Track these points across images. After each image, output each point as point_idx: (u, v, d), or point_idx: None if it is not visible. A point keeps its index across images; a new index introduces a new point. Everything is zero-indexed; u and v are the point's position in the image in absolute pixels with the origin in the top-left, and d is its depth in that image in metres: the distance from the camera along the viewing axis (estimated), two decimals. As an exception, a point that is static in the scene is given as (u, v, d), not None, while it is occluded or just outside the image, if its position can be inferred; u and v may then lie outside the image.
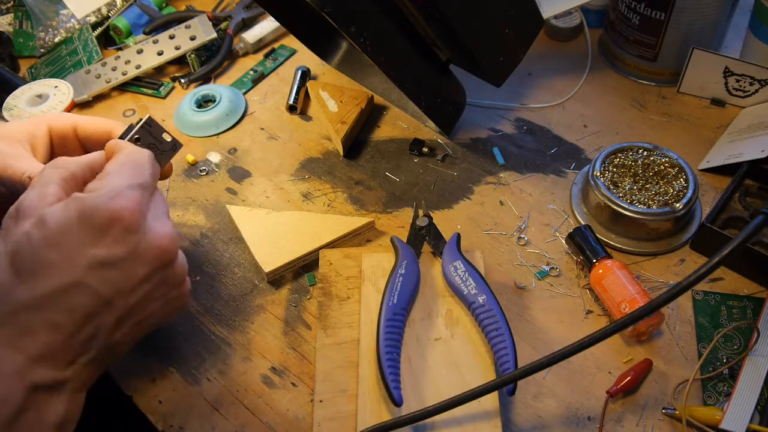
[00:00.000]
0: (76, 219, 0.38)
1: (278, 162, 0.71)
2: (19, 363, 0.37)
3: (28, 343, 0.38)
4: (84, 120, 0.52)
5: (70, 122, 0.51)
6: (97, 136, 0.51)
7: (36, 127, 0.50)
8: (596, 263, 0.56)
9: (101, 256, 0.39)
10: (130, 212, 0.39)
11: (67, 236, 0.38)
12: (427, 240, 0.58)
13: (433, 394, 0.49)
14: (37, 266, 0.38)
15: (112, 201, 0.39)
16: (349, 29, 0.55)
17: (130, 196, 0.40)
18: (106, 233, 0.39)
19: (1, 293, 0.38)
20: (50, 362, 0.38)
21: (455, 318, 0.53)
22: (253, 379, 0.54)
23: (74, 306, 0.38)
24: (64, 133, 0.51)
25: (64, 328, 0.38)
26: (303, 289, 0.60)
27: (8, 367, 0.37)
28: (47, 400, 0.39)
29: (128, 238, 0.39)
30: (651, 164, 0.61)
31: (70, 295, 0.38)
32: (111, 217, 0.39)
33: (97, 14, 0.87)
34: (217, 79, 0.82)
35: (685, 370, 0.52)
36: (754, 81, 0.69)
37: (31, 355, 0.38)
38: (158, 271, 0.41)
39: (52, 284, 0.38)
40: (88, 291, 0.38)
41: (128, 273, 0.40)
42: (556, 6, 0.75)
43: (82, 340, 0.39)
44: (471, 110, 0.74)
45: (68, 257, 0.38)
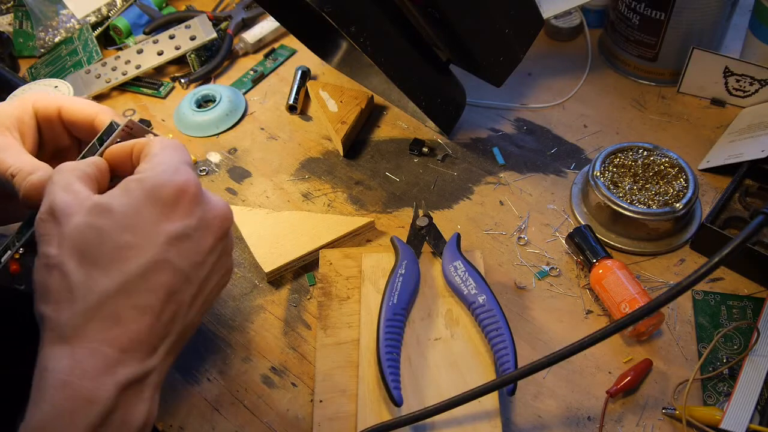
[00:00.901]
0: (144, 198, 0.39)
1: (278, 162, 0.71)
2: (110, 357, 0.36)
3: (118, 334, 0.37)
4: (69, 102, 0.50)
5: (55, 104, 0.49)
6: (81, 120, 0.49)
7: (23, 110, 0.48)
8: (596, 263, 0.56)
9: (176, 229, 0.39)
10: (194, 184, 0.40)
11: (139, 216, 0.38)
12: (427, 240, 0.58)
13: (433, 394, 0.49)
14: (115, 252, 0.37)
15: (175, 175, 0.40)
16: (349, 29, 0.55)
17: (187, 169, 0.41)
18: (176, 207, 0.39)
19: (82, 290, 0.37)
20: (138, 352, 0.37)
21: (455, 318, 0.53)
22: (253, 379, 0.54)
23: (159, 285, 0.38)
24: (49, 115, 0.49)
25: (152, 309, 0.38)
26: (303, 289, 0.60)
27: (99, 362, 0.36)
28: (132, 399, 0.37)
29: (196, 209, 0.40)
30: (651, 164, 0.61)
31: (154, 274, 0.38)
32: (178, 190, 0.39)
33: (97, 14, 0.87)
34: (217, 79, 0.82)
35: (685, 370, 0.52)
36: (754, 81, 0.69)
37: (122, 346, 0.37)
38: (221, 241, 0.42)
39: (135, 266, 0.37)
40: (168, 267, 0.38)
41: (200, 244, 0.40)
42: (556, 6, 0.75)
43: (166, 322, 0.39)
44: (471, 110, 0.74)
45: (145, 236, 0.38)
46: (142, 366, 0.38)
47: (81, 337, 0.36)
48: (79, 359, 0.36)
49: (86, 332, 0.36)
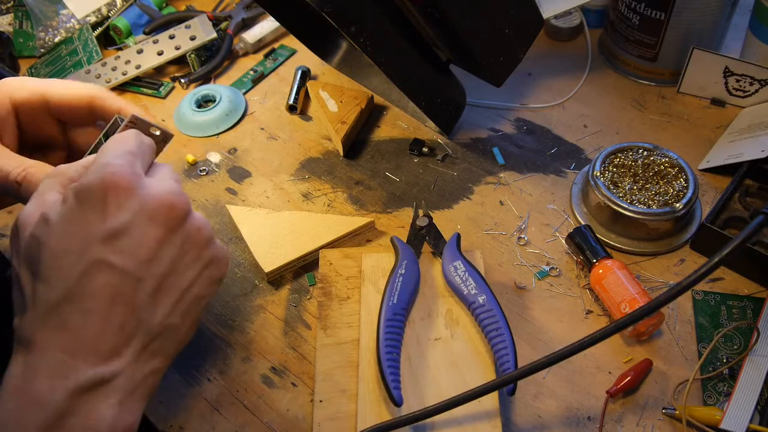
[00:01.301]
0: (76, 205, 0.37)
1: (278, 162, 0.71)
2: (61, 361, 0.36)
3: (67, 339, 0.36)
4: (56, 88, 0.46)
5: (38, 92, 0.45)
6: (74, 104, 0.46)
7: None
8: (596, 263, 0.56)
9: (108, 227, 0.37)
10: (120, 176, 0.38)
11: (72, 223, 0.37)
12: (427, 240, 0.58)
13: (433, 394, 0.49)
14: (53, 261, 0.37)
15: (100, 172, 0.38)
16: (349, 29, 0.55)
17: (118, 162, 0.38)
18: (105, 205, 0.37)
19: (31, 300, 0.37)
20: (91, 355, 0.36)
21: (455, 318, 0.53)
22: (253, 379, 0.54)
23: (98, 286, 0.37)
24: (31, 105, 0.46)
25: (97, 313, 0.37)
26: (303, 289, 0.60)
27: (50, 367, 0.36)
28: (93, 404, 0.36)
29: (128, 201, 0.38)
30: (651, 164, 0.61)
31: (92, 276, 0.37)
32: (104, 187, 0.37)
33: (97, 14, 0.87)
34: (217, 79, 0.82)
35: (685, 370, 0.52)
36: (754, 81, 0.69)
37: (72, 351, 0.36)
38: (174, 232, 0.39)
39: (73, 272, 0.37)
40: (106, 267, 0.37)
41: (141, 238, 0.38)
42: (556, 6, 0.75)
43: (118, 325, 0.37)
44: (471, 110, 0.74)
45: (79, 241, 0.37)
46: (99, 370, 0.37)
47: (33, 344, 0.36)
48: (31, 365, 0.36)
49: (37, 339, 0.37)
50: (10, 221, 0.67)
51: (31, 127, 0.47)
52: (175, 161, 0.72)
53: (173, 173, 0.43)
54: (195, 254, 0.40)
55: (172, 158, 0.72)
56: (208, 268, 0.42)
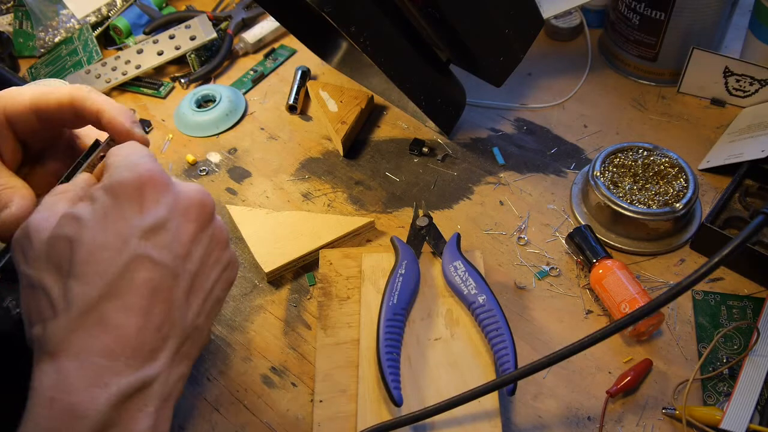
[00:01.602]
0: (109, 201, 0.37)
1: (278, 162, 0.71)
2: (100, 366, 0.34)
3: (106, 339, 0.34)
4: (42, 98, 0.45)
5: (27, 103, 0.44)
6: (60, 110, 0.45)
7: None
8: (596, 263, 0.56)
9: (147, 222, 0.37)
10: (155, 172, 0.38)
11: (108, 218, 0.36)
12: (427, 240, 0.58)
13: (433, 394, 0.49)
14: (90, 257, 0.36)
15: (134, 169, 0.37)
16: (349, 29, 0.55)
17: (146, 161, 0.38)
18: (141, 200, 0.37)
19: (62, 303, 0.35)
20: (131, 358, 0.35)
21: (455, 318, 0.53)
22: (253, 379, 0.54)
23: (141, 281, 0.36)
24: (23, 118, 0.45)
25: (139, 308, 0.35)
26: (303, 289, 0.60)
27: (87, 374, 0.34)
28: (132, 413, 0.35)
29: (163, 197, 0.38)
30: (651, 164, 0.61)
31: (134, 272, 0.36)
32: (140, 182, 0.37)
33: (97, 14, 0.87)
34: (217, 79, 0.82)
35: (685, 370, 0.52)
36: (754, 81, 0.69)
37: (112, 352, 0.34)
38: (204, 229, 0.39)
39: (113, 267, 0.35)
40: (147, 262, 0.36)
41: (178, 233, 0.38)
42: (556, 6, 0.75)
43: (157, 324, 0.36)
44: (471, 110, 0.74)
45: (117, 236, 0.36)
46: (139, 374, 0.35)
47: (66, 350, 0.34)
48: (65, 373, 0.34)
49: (71, 343, 0.34)
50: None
51: (30, 138, 0.47)
52: (175, 161, 0.72)
53: None
54: (217, 255, 0.41)
55: (172, 158, 0.72)
56: (226, 270, 0.42)
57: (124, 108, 0.45)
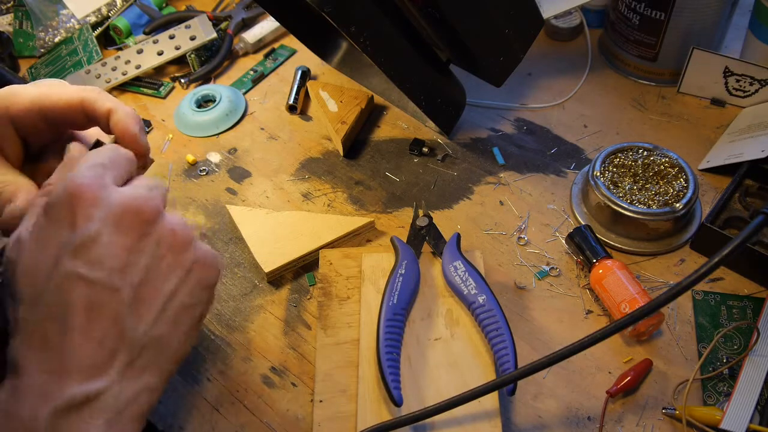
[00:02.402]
0: (44, 220, 0.37)
1: (278, 162, 0.71)
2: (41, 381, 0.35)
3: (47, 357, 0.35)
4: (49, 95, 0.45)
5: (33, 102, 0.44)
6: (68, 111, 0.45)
7: None
8: (596, 263, 0.56)
9: (77, 239, 0.36)
10: (86, 186, 0.37)
11: (41, 239, 0.37)
12: (427, 240, 0.58)
13: (433, 394, 0.49)
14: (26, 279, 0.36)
15: (66, 185, 0.37)
16: (349, 29, 0.55)
17: (86, 173, 0.38)
18: (72, 216, 0.36)
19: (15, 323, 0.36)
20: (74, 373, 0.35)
21: (455, 318, 0.53)
22: (253, 379, 0.54)
23: (74, 300, 0.36)
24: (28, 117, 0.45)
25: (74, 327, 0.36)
26: (303, 289, 0.60)
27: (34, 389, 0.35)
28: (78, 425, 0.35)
29: (94, 211, 0.37)
30: (651, 164, 0.61)
31: (66, 292, 0.36)
32: (70, 198, 0.36)
33: (97, 14, 0.87)
34: (217, 79, 0.82)
35: (685, 370, 0.52)
36: (754, 81, 0.69)
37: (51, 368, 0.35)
38: (144, 238, 0.38)
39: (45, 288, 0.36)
40: (79, 280, 0.36)
41: (110, 246, 0.36)
42: (556, 6, 0.75)
43: (99, 339, 0.36)
44: (471, 110, 0.74)
45: (50, 256, 0.36)
46: (82, 388, 0.35)
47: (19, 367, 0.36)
48: (16, 389, 0.35)
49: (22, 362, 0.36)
50: (10, 221, 0.67)
51: (33, 136, 0.47)
52: (175, 161, 0.72)
53: (151, 181, 0.41)
54: (172, 259, 0.39)
55: (172, 158, 0.72)
56: (192, 273, 0.40)
57: (133, 112, 0.45)
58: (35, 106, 0.44)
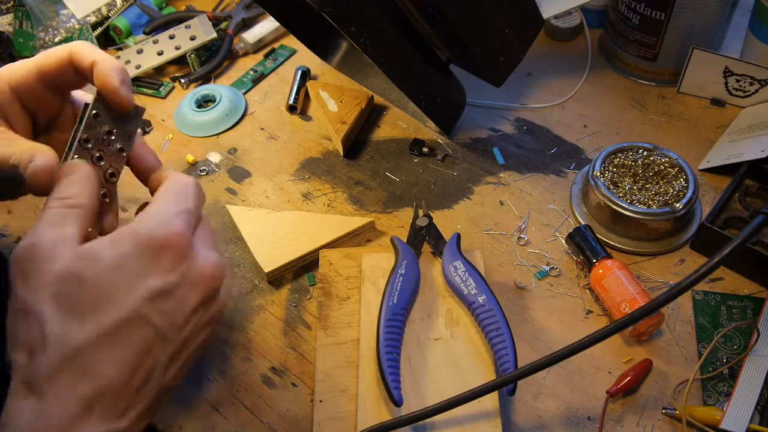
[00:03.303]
0: (129, 251, 0.37)
1: (278, 162, 0.71)
2: (73, 413, 0.34)
3: (87, 387, 0.35)
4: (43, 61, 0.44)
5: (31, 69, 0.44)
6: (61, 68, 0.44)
7: None
8: (596, 263, 0.56)
9: (157, 285, 0.37)
10: (179, 237, 0.38)
11: (123, 269, 0.37)
12: (427, 240, 0.58)
13: (433, 394, 0.49)
14: (94, 303, 0.36)
15: (161, 227, 0.38)
16: (349, 29, 0.55)
17: (178, 222, 0.39)
18: (158, 261, 0.38)
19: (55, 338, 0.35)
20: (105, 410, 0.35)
21: (455, 318, 0.53)
22: (253, 379, 0.54)
23: (134, 341, 0.36)
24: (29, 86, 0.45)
25: (125, 364, 0.36)
26: (303, 289, 0.60)
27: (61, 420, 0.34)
28: None
29: (179, 265, 0.38)
30: (651, 164, 0.61)
31: (131, 329, 0.36)
32: (164, 243, 0.38)
33: (97, 14, 0.86)
34: (217, 79, 0.82)
35: (685, 370, 0.52)
36: (754, 81, 0.69)
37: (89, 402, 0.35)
38: (206, 302, 0.40)
39: (113, 318, 0.36)
40: (146, 323, 0.37)
41: (181, 303, 0.38)
42: (556, 6, 0.75)
43: (138, 383, 0.37)
44: (471, 110, 0.74)
45: (126, 289, 0.36)
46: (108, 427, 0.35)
47: (48, 390, 0.35)
48: (44, 415, 0.34)
49: (54, 384, 0.34)
50: (11, 221, 0.67)
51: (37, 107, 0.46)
52: (175, 161, 0.72)
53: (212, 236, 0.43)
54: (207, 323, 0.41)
55: (172, 158, 0.72)
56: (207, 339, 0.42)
57: (120, 65, 0.44)
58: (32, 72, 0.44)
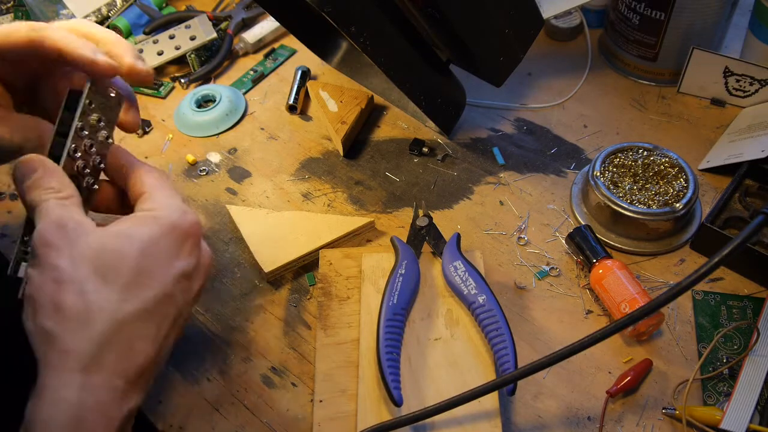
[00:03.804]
0: (160, 234, 0.40)
1: (278, 162, 0.71)
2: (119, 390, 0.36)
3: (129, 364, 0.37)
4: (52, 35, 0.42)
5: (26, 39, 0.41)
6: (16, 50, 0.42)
7: None
8: (596, 263, 0.56)
9: (183, 267, 0.40)
10: (198, 227, 0.42)
11: (158, 247, 0.39)
12: (427, 240, 0.58)
13: (433, 394, 0.49)
14: (135, 277, 0.38)
15: (185, 216, 0.42)
16: (349, 29, 0.55)
17: (192, 212, 0.43)
18: (184, 246, 0.41)
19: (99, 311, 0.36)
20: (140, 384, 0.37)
21: (455, 318, 0.53)
22: (253, 379, 0.54)
23: (165, 316, 0.39)
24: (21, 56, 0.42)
25: (156, 340, 0.38)
26: (303, 289, 0.60)
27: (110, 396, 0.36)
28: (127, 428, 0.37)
29: (196, 251, 0.42)
30: (651, 164, 0.61)
31: (163, 307, 0.39)
32: (189, 231, 0.41)
33: (97, 14, 0.87)
34: (217, 79, 0.82)
35: (685, 370, 0.52)
36: (754, 81, 0.69)
37: (130, 376, 0.37)
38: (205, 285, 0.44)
39: (151, 295, 0.38)
40: (174, 302, 0.40)
41: (194, 285, 0.42)
42: (556, 6, 0.75)
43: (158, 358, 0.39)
44: (471, 110, 0.74)
45: (161, 268, 0.39)
46: (139, 399, 0.38)
47: (94, 366, 0.35)
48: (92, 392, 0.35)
49: (101, 360, 0.36)
50: (11, 221, 0.67)
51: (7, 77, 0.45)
52: (175, 161, 0.72)
53: None
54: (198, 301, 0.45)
55: (172, 158, 0.72)
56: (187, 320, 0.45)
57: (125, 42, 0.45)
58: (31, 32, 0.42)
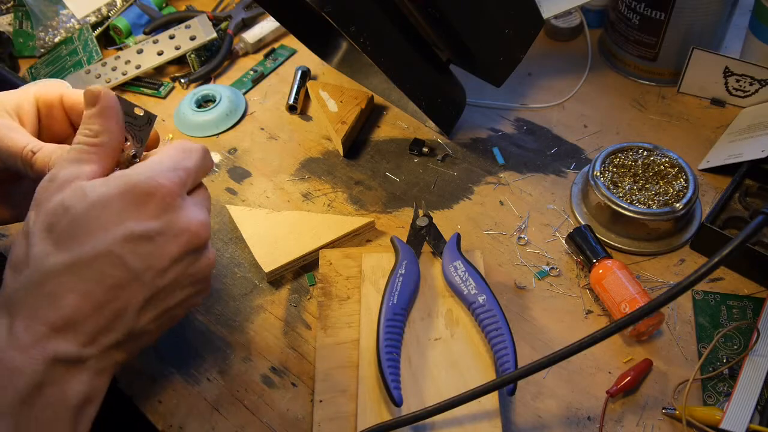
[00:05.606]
0: (116, 193, 0.40)
1: (278, 162, 0.71)
2: (40, 333, 0.38)
3: (52, 311, 0.38)
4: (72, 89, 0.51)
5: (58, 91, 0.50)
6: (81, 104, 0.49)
7: (23, 97, 0.49)
8: (596, 263, 0.56)
9: (136, 228, 0.39)
10: (167, 189, 0.41)
11: (106, 208, 0.39)
12: (427, 240, 0.58)
13: (433, 394, 0.49)
14: (74, 234, 0.39)
15: (151, 178, 0.40)
16: (349, 29, 0.55)
17: (170, 175, 0.41)
18: (142, 208, 0.40)
19: (34, 261, 0.39)
20: (72, 334, 0.38)
21: (455, 318, 0.53)
22: (253, 379, 0.54)
23: (104, 275, 0.39)
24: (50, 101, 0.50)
25: (92, 296, 0.38)
26: (303, 289, 0.60)
27: (28, 337, 0.37)
28: (67, 377, 0.38)
29: (162, 214, 0.40)
30: (651, 164, 0.61)
31: (101, 264, 0.39)
32: (148, 192, 0.40)
33: (97, 14, 0.87)
34: (217, 79, 0.82)
35: (685, 370, 0.52)
36: (754, 81, 0.69)
37: (54, 324, 0.38)
38: (188, 255, 0.42)
39: (84, 251, 0.38)
40: (119, 262, 0.39)
41: (159, 249, 0.40)
42: (556, 6, 0.75)
43: (108, 316, 0.39)
44: (471, 110, 0.74)
45: (104, 227, 0.39)
46: (78, 349, 0.38)
47: (19, 311, 0.38)
48: (14, 332, 0.38)
49: (25, 306, 0.38)
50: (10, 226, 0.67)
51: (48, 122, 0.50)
52: (175, 161, 0.72)
53: (208, 202, 0.46)
54: (192, 279, 0.43)
55: (172, 158, 0.72)
56: (194, 297, 0.45)
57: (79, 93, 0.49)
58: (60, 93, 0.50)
